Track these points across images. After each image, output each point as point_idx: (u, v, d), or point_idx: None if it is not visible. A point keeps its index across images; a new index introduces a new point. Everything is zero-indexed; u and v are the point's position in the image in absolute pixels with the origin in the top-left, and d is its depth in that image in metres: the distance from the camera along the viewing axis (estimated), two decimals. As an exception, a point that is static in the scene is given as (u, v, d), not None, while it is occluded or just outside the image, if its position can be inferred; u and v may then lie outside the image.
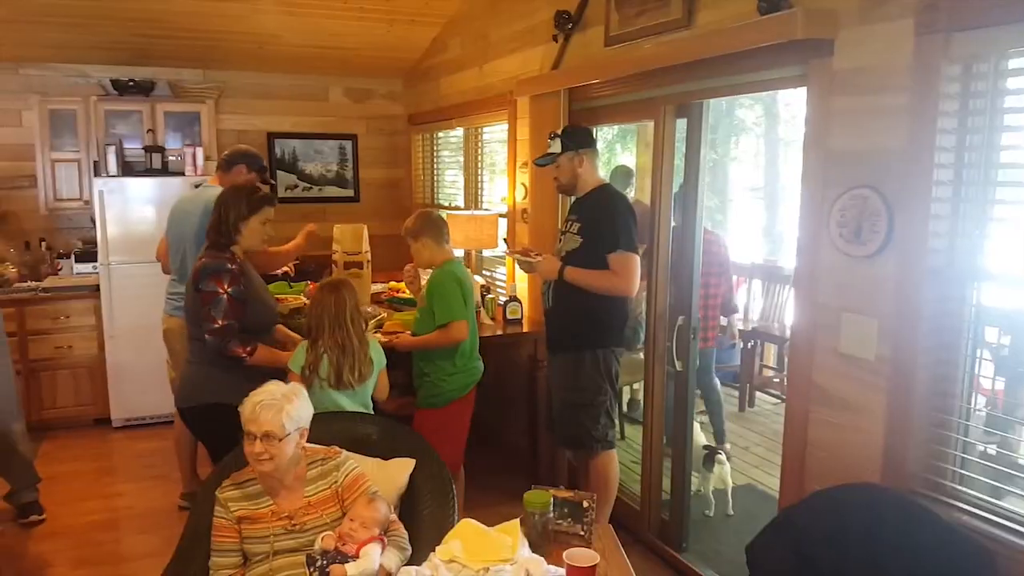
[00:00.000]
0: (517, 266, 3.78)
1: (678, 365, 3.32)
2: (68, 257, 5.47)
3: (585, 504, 2.35)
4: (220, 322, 2.84)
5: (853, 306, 2.42)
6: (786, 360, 5.50)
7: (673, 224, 3.42)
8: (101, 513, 4.05)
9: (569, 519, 2.34)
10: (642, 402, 4.65)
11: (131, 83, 5.48)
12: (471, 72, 5.02)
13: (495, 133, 5.09)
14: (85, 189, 5.40)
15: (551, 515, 2.27)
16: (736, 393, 5.45)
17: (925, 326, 2.22)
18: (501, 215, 4.63)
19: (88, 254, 5.32)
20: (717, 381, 4.58)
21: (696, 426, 3.69)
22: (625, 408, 4.80)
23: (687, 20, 3.06)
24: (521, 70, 4.28)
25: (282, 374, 2.84)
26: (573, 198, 3.48)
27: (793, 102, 6.99)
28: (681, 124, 3.27)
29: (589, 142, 3.37)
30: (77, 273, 5.37)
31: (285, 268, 4.87)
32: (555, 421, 3.53)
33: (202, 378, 2.99)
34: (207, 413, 2.92)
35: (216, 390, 2.88)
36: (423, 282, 3.53)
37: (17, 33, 5.02)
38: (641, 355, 4.52)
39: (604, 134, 4.25)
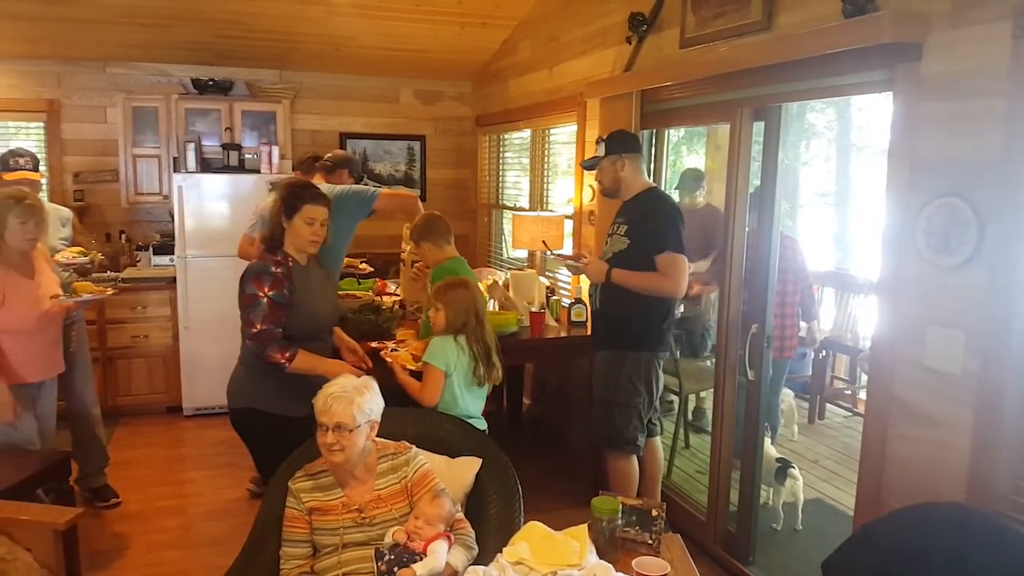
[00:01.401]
0: (565, 269, 3.78)
1: (750, 374, 3.25)
2: (146, 249, 5.66)
3: (654, 513, 2.32)
4: (258, 327, 2.73)
5: (939, 318, 2.33)
6: (859, 371, 5.36)
7: (748, 228, 3.35)
8: (171, 499, 4.17)
9: (637, 527, 2.31)
10: (708, 411, 4.61)
11: (210, 82, 5.65)
12: (541, 74, 5.02)
13: (559, 135, 5.08)
14: (164, 184, 5.59)
15: (619, 522, 2.25)
16: (806, 404, 5.31)
17: (1016, 340, 2.12)
18: (567, 216, 4.61)
19: (166, 247, 5.49)
20: (784, 395, 4.48)
21: (767, 439, 3.62)
22: (690, 416, 4.72)
23: (767, 22, 3.00)
24: (592, 72, 4.26)
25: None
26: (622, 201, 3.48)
27: (867, 106, 6.78)
28: (758, 127, 3.21)
29: (632, 147, 3.40)
30: (155, 265, 5.55)
31: (359, 266, 4.98)
32: (594, 417, 3.55)
33: (243, 381, 2.94)
34: (244, 416, 2.91)
35: (253, 395, 2.87)
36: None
37: (104, 33, 5.22)
38: (708, 363, 4.47)
39: (669, 136, 4.21)
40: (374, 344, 3.17)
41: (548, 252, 4.41)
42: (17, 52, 5.42)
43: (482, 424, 2.99)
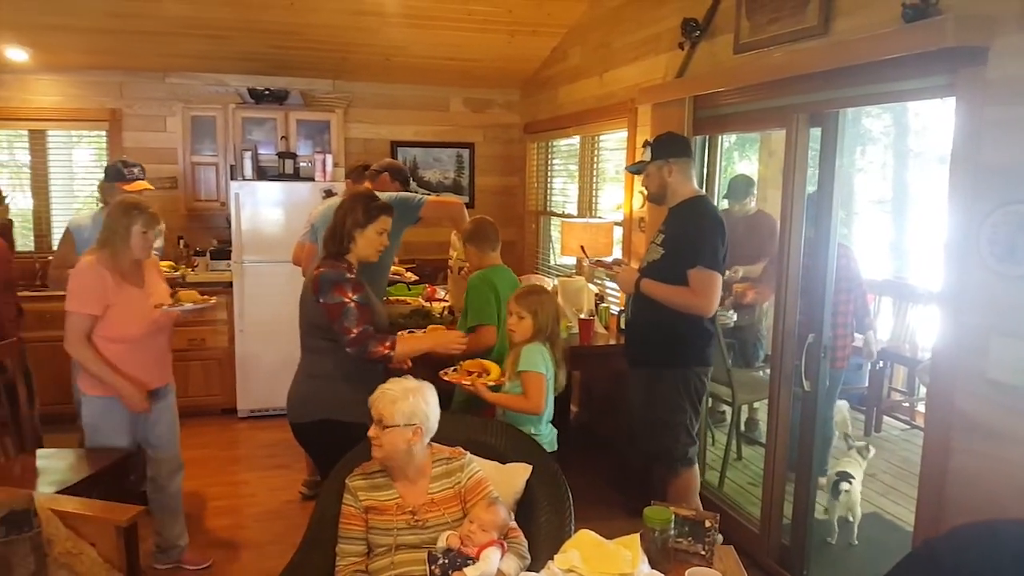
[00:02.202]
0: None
1: (806, 385, 3.19)
2: (204, 254, 5.81)
3: (707, 523, 2.29)
4: (355, 331, 2.75)
5: (1004, 328, 2.26)
6: (918, 383, 5.22)
7: (804, 236, 3.30)
8: (225, 499, 4.26)
9: (690, 538, 2.29)
10: (761, 422, 4.54)
11: (267, 92, 5.78)
12: (591, 80, 5.02)
13: (607, 141, 5.07)
14: (222, 191, 5.75)
15: (672, 532, 2.23)
16: (862, 417, 5.19)
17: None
18: (616, 223, 4.59)
19: (223, 252, 5.63)
20: (839, 407, 4.38)
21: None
22: (743, 428, 4.65)
23: (823, 27, 2.95)
24: (643, 78, 4.24)
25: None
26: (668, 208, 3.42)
27: (924, 112, 6.62)
28: (814, 133, 3.16)
29: (681, 151, 3.30)
30: (212, 270, 5.69)
31: (404, 272, 5.03)
32: (635, 436, 3.48)
33: (311, 393, 2.91)
34: (317, 429, 2.87)
35: (325, 405, 2.85)
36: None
37: (164, 44, 5.38)
38: (762, 373, 4.40)
39: (721, 142, 4.17)
40: (447, 377, 3.03)
41: (586, 259, 4.39)
42: (82, 63, 5.63)
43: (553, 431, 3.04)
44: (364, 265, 2.99)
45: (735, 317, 4.33)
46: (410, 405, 2.29)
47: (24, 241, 5.97)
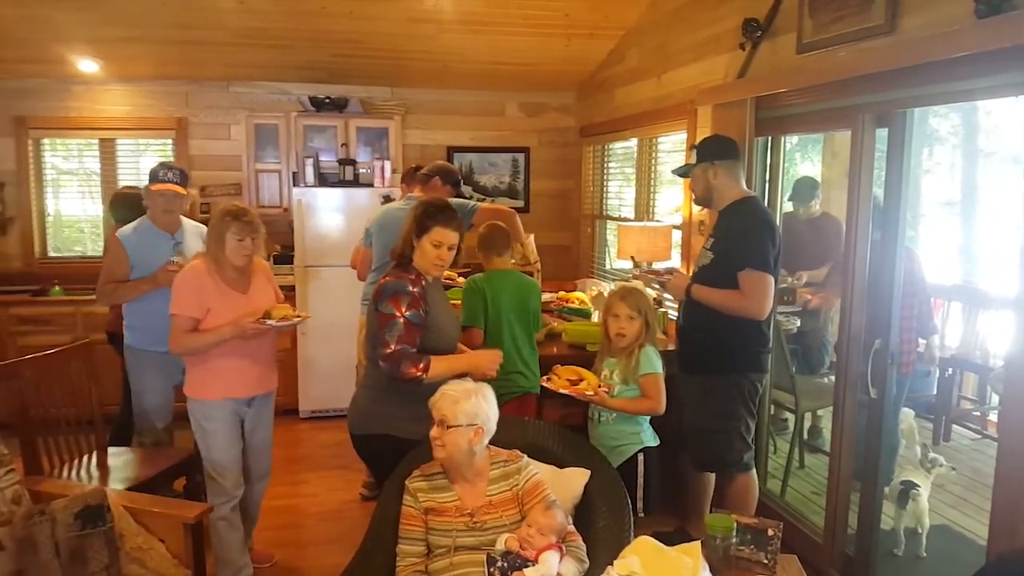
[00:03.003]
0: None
1: (872, 393, 3.10)
2: (267, 259, 5.93)
3: (770, 532, 2.26)
4: (392, 347, 2.60)
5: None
6: (989, 391, 5.03)
7: (870, 239, 3.21)
8: (287, 498, 4.33)
9: (752, 546, 2.26)
10: (824, 430, 4.43)
11: (327, 100, 5.89)
12: (649, 82, 4.98)
13: (664, 143, 5.02)
14: (285, 197, 5.88)
15: (734, 540, 2.20)
16: (930, 426, 5.02)
17: None
18: (675, 227, 4.54)
19: (285, 257, 5.74)
20: (904, 415, 4.25)
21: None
22: (806, 435, 4.55)
23: (890, 25, 2.88)
24: (703, 79, 4.19)
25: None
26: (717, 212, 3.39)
27: (995, 110, 6.39)
28: (881, 134, 3.08)
29: (727, 153, 3.26)
30: (275, 274, 5.79)
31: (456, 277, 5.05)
32: (687, 443, 3.43)
33: (372, 406, 2.82)
34: (374, 442, 2.81)
35: (386, 420, 2.76)
36: None
37: (228, 54, 5.53)
38: (826, 380, 4.30)
39: (785, 144, 4.08)
40: (552, 387, 3.00)
41: (636, 267, 4.34)
42: (150, 73, 5.82)
43: None
44: None
45: (799, 323, 4.23)
46: (472, 405, 2.32)
47: (94, 246, 6.21)
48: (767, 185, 3.80)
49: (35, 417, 3.29)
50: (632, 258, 4.30)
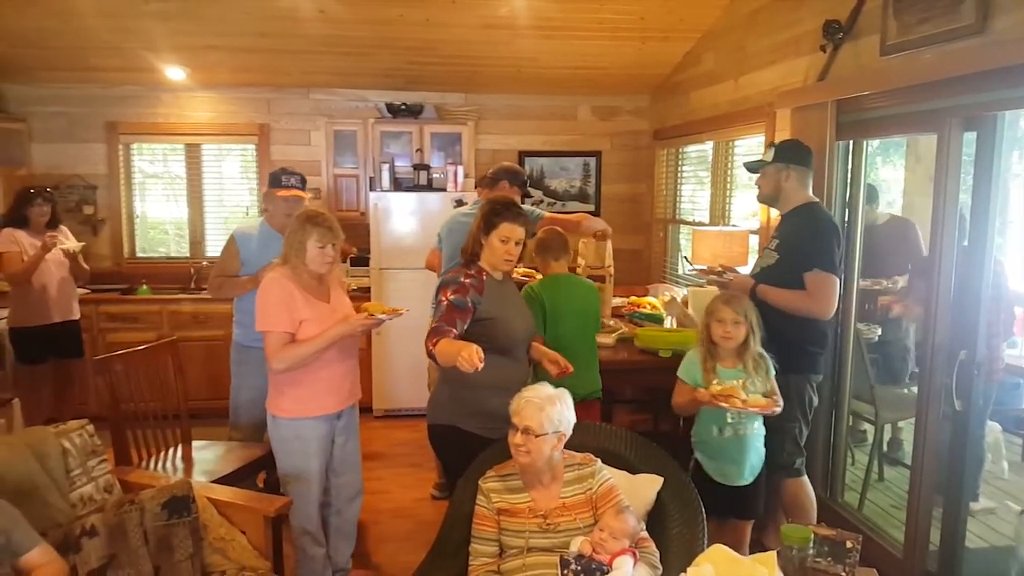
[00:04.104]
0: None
1: (957, 404, 2.99)
2: (345, 261, 6.07)
3: (848, 544, 2.20)
4: (432, 324, 2.70)
5: None
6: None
7: (957, 246, 3.10)
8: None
9: (829, 558, 2.20)
10: (904, 442, 4.28)
11: (403, 107, 6.01)
12: (725, 85, 4.91)
13: (740, 147, 4.94)
14: (362, 201, 6.02)
15: (810, 552, 2.15)
16: (1019, 441, 4.79)
17: None
18: (752, 231, 4.46)
19: (362, 259, 5.88)
20: (990, 428, 4.07)
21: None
22: (885, 447, 4.41)
23: (980, 26, 2.77)
24: (782, 82, 4.12)
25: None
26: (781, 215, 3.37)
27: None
28: (968, 137, 2.97)
29: (802, 160, 3.30)
30: (351, 275, 5.95)
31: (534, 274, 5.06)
32: None
33: (439, 397, 2.93)
34: (443, 433, 2.88)
35: (452, 412, 2.83)
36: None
37: (309, 62, 5.70)
38: (907, 391, 4.15)
39: (867, 148, 3.96)
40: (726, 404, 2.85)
41: (690, 266, 4.30)
42: (234, 81, 6.04)
43: None
44: None
45: (880, 331, 4.11)
46: (557, 412, 2.33)
47: (178, 247, 6.47)
48: (848, 189, 3.71)
49: (125, 410, 3.46)
50: (686, 258, 4.25)
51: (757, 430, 2.99)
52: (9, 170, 5.65)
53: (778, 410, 2.86)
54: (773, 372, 2.94)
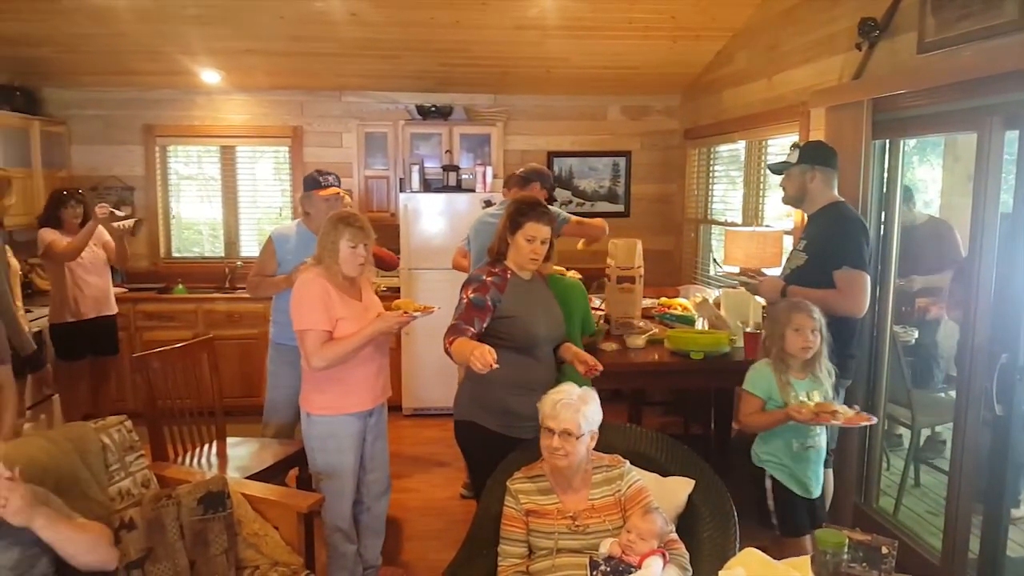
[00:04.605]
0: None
1: (998, 409, 2.93)
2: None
3: (884, 550, 2.16)
4: (452, 322, 2.75)
5: None
6: None
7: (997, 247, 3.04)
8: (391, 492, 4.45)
9: (864, 563, 2.17)
10: (942, 447, 4.20)
11: (433, 108, 6.04)
12: (758, 84, 4.86)
13: (772, 146, 4.89)
14: (392, 202, 6.06)
15: (845, 557, 2.12)
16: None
17: None
18: (786, 232, 4.40)
19: (392, 260, 5.92)
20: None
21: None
22: (921, 452, 4.33)
23: (1023, 22, 2.71)
24: (816, 80, 4.07)
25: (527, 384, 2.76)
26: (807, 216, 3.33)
27: None
28: (1011, 136, 2.91)
29: (828, 161, 3.27)
30: (381, 276, 5.97)
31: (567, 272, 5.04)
32: None
33: (462, 394, 2.96)
34: (464, 429, 2.91)
35: (473, 409, 2.86)
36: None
37: (341, 65, 5.75)
38: (945, 395, 4.08)
39: (904, 147, 3.90)
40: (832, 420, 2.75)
41: (719, 268, 4.26)
42: (268, 84, 6.11)
43: None
44: None
45: (916, 334, 4.04)
46: (590, 411, 2.34)
47: (212, 247, 6.57)
48: (884, 189, 3.66)
49: (162, 407, 3.52)
50: (714, 260, 4.22)
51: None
52: (50, 172, 5.77)
53: (874, 421, 2.78)
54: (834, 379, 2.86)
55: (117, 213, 4.72)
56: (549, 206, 4.17)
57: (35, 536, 2.06)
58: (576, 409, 2.30)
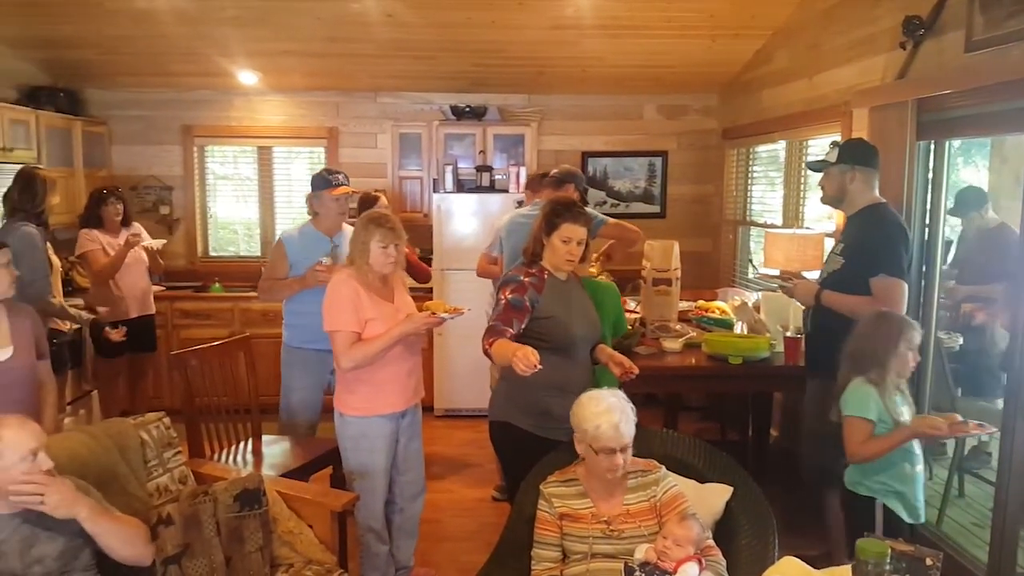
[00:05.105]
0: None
1: (1049, 418, 2.84)
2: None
3: (928, 562, 2.11)
4: (490, 322, 2.73)
5: None
6: None
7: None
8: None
9: (907, 575, 2.12)
10: (989, 457, 4.09)
11: (467, 109, 6.04)
12: (799, 83, 4.79)
13: (814, 147, 4.80)
14: (425, 203, 6.08)
15: (887, 568, 2.07)
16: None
17: None
18: (827, 235, 4.32)
19: (425, 260, 5.90)
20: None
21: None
22: (966, 462, 4.22)
23: (1076, 19, 2.63)
24: (859, 80, 3.99)
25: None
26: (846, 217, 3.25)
27: None
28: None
29: (869, 160, 3.16)
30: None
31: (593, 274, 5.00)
32: (801, 451, 3.30)
33: (497, 395, 2.96)
34: (499, 429, 2.90)
35: (508, 409, 2.85)
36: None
37: (377, 67, 5.78)
38: (989, 403, 3.97)
39: (950, 148, 3.79)
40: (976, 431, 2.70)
41: (755, 270, 4.18)
42: (304, 85, 6.16)
43: None
44: None
45: (962, 340, 3.94)
46: (631, 418, 2.30)
47: (247, 247, 6.64)
48: (929, 192, 3.57)
49: (199, 404, 3.55)
50: (750, 261, 4.15)
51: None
52: (92, 171, 5.87)
53: (993, 430, 2.71)
54: None
55: (144, 242, 4.81)
56: (583, 204, 4.18)
57: (79, 527, 2.10)
58: (627, 420, 2.28)
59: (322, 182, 3.82)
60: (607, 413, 2.28)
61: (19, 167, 4.27)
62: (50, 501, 2.01)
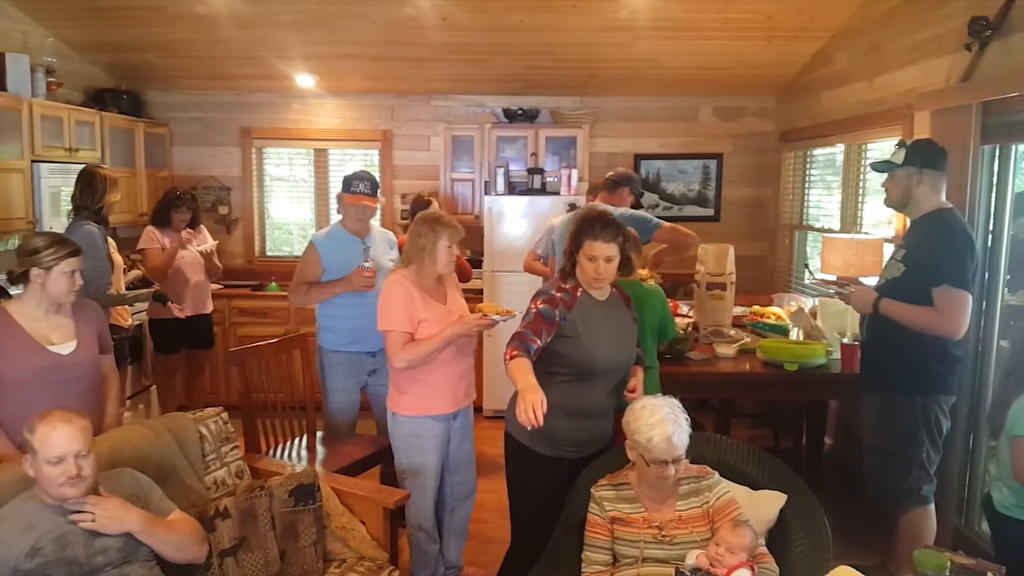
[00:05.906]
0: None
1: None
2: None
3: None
4: (519, 330, 2.63)
5: None
6: None
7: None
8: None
9: (967, 589, 2.06)
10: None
11: (519, 111, 6.06)
12: (859, 85, 4.69)
13: (872, 151, 4.69)
14: (477, 205, 6.11)
15: (947, 581, 2.02)
16: None
17: None
18: (887, 240, 4.21)
19: (475, 262, 5.94)
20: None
21: None
22: None
23: None
24: (921, 83, 3.89)
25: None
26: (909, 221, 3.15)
27: None
28: None
29: (937, 163, 3.01)
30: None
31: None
32: (863, 468, 3.19)
33: (511, 404, 2.70)
34: (506, 436, 2.87)
35: (512, 421, 2.69)
36: None
37: (431, 70, 5.84)
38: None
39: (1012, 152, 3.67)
40: None
41: (810, 275, 4.09)
42: (360, 88, 6.26)
43: None
44: None
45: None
46: (684, 428, 2.29)
47: (302, 247, 6.68)
48: (994, 198, 3.46)
49: (256, 400, 3.63)
50: (806, 265, 4.05)
51: None
52: (153, 171, 6.05)
53: None
54: None
55: (199, 247, 4.94)
56: (637, 211, 4.13)
57: None
58: (682, 431, 2.26)
59: (344, 184, 3.78)
60: (660, 425, 2.23)
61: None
62: (100, 520, 2.09)
